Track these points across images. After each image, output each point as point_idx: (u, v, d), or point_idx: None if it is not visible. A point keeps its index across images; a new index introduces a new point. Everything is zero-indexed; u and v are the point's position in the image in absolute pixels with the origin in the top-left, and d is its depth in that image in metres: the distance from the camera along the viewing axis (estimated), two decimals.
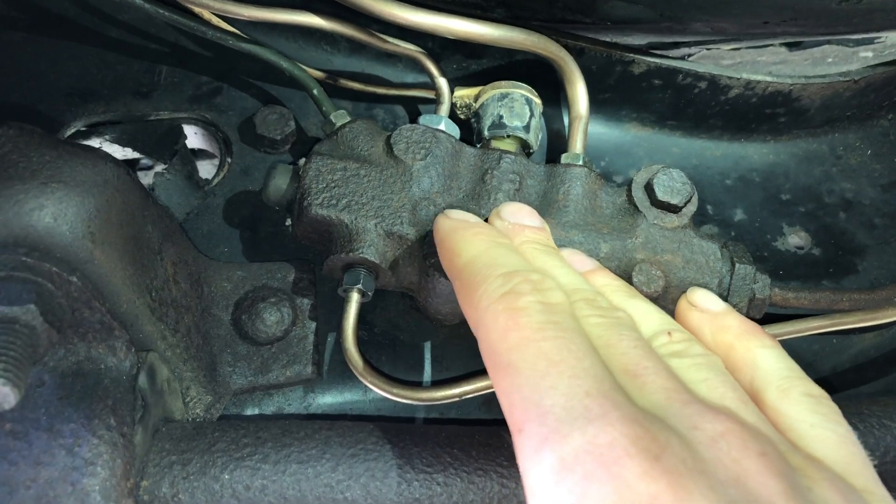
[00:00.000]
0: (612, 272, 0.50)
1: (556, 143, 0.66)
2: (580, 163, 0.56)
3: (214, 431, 0.46)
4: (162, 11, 0.58)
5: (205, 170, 0.69)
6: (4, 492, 0.40)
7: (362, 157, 0.55)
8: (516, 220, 0.48)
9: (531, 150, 0.60)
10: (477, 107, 0.61)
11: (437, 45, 0.63)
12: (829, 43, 0.64)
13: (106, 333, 0.44)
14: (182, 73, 0.66)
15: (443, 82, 0.61)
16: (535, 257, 0.45)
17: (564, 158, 0.58)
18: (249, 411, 0.57)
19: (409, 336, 0.60)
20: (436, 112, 0.60)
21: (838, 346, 0.63)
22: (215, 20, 0.61)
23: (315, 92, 0.60)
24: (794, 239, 0.67)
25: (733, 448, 0.33)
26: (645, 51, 0.63)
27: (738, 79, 0.63)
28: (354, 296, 0.52)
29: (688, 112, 0.66)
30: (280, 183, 0.55)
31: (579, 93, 0.60)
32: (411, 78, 0.67)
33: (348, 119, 0.57)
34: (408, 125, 0.55)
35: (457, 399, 0.54)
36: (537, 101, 0.61)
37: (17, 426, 0.41)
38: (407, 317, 0.60)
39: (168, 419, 0.48)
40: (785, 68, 0.66)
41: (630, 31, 0.62)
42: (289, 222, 0.55)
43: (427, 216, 0.52)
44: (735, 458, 0.33)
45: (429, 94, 0.65)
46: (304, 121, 0.65)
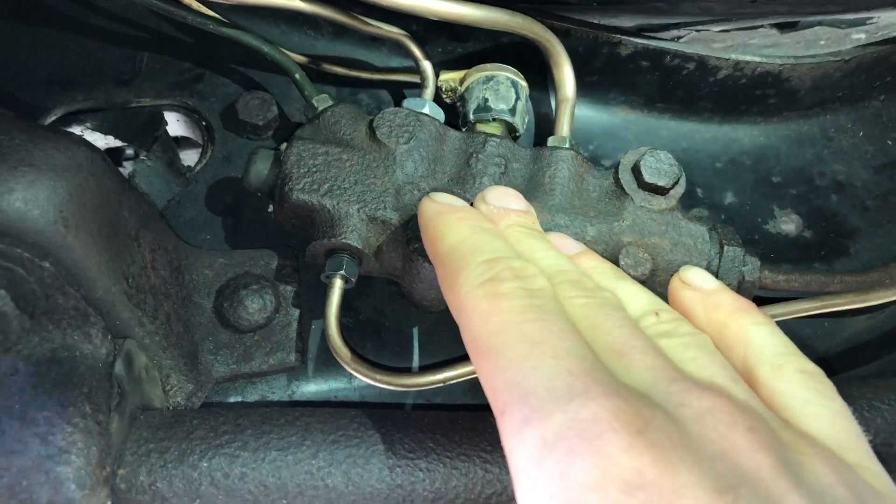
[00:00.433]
0: (599, 255, 0.49)
1: (544, 127, 0.66)
2: (567, 146, 0.55)
3: (193, 419, 0.46)
4: None
5: (188, 157, 0.68)
6: None
7: (345, 142, 0.54)
8: (502, 203, 0.47)
9: (517, 134, 0.60)
10: (462, 90, 0.61)
11: (422, 28, 0.62)
12: (821, 24, 0.63)
13: (81, 320, 0.43)
14: (163, 60, 0.65)
15: (427, 66, 0.60)
16: (520, 241, 0.44)
17: (551, 141, 0.57)
18: (232, 399, 0.56)
19: (394, 322, 0.59)
20: (420, 96, 0.60)
21: (830, 329, 0.63)
22: (196, 5, 0.60)
23: (297, 76, 0.59)
24: (786, 222, 0.66)
25: (721, 423, 0.32)
26: (632, 32, 0.62)
27: (727, 59, 0.62)
28: (337, 282, 0.51)
29: (676, 94, 0.66)
30: (261, 168, 0.54)
31: (566, 75, 0.59)
32: (396, 62, 0.66)
33: (331, 103, 0.57)
34: (391, 108, 0.54)
35: (441, 385, 0.53)
36: (523, 83, 0.60)
37: None
38: (392, 303, 0.60)
39: (146, 407, 0.48)
40: (777, 51, 0.65)
41: (617, 13, 0.61)
42: (271, 208, 0.54)
43: (411, 201, 0.52)
44: (723, 434, 0.32)
45: (414, 79, 0.64)
46: (288, 106, 0.64)
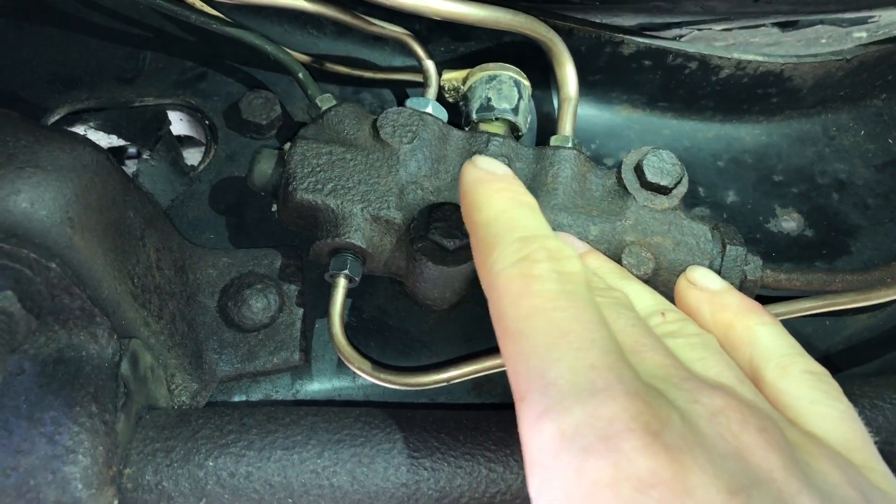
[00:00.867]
0: (603, 255, 0.49)
1: (546, 126, 0.66)
2: (569, 145, 0.56)
3: (199, 418, 0.46)
4: None
5: (191, 156, 0.68)
6: None
7: (348, 141, 0.54)
8: None
9: (520, 133, 0.60)
10: (465, 89, 0.61)
11: (425, 28, 0.62)
12: (822, 23, 0.63)
13: (87, 320, 0.43)
14: (166, 59, 0.65)
15: (430, 65, 0.60)
16: None
17: (553, 141, 0.57)
18: (236, 398, 0.56)
19: (397, 321, 0.60)
20: (423, 95, 0.60)
21: (831, 328, 0.63)
22: (199, 4, 0.60)
23: (300, 76, 0.59)
24: (787, 220, 0.66)
25: (733, 423, 0.33)
26: (634, 31, 0.62)
27: (730, 59, 0.63)
28: (341, 281, 0.51)
29: (679, 93, 0.66)
30: (265, 168, 0.54)
31: (568, 74, 0.59)
32: (399, 61, 0.66)
33: (334, 103, 0.57)
34: (394, 108, 0.54)
35: (445, 384, 0.53)
36: (526, 83, 0.60)
37: None
38: (395, 302, 0.60)
39: (152, 407, 0.48)
40: (778, 50, 0.65)
41: (619, 12, 0.61)
42: (275, 208, 0.55)
43: (414, 200, 0.52)
44: (735, 433, 0.32)
45: (416, 78, 0.64)
46: (291, 105, 0.64)
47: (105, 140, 0.63)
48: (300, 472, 0.44)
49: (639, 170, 0.53)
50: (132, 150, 0.71)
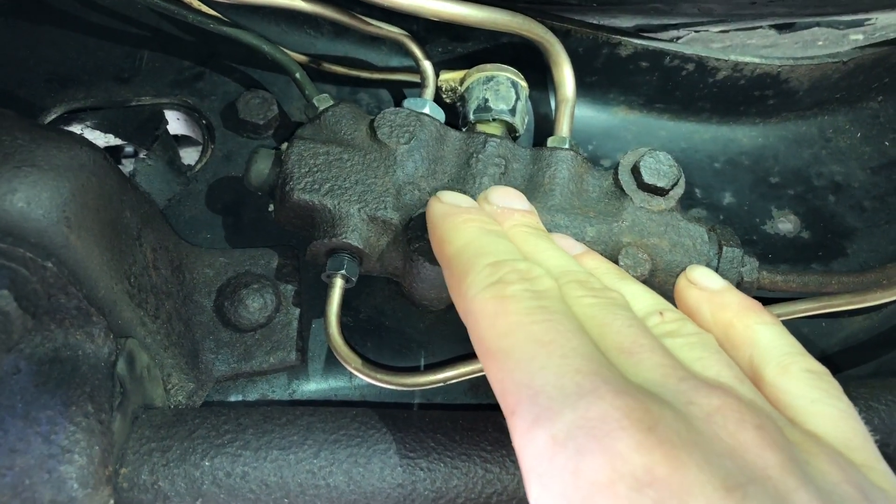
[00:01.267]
0: (600, 255, 0.49)
1: (544, 127, 0.66)
2: (566, 146, 0.56)
3: (195, 418, 0.46)
4: None
5: (188, 156, 0.68)
6: None
7: (345, 141, 0.54)
8: (505, 203, 0.47)
9: (517, 134, 0.60)
10: (462, 90, 0.61)
11: (422, 28, 0.62)
12: (819, 25, 0.63)
13: (83, 320, 0.43)
14: (164, 58, 0.65)
15: (428, 65, 0.60)
16: (525, 241, 0.44)
17: (550, 142, 0.57)
18: (233, 398, 0.56)
19: (394, 322, 0.60)
20: (421, 96, 0.60)
21: (827, 330, 0.63)
22: (196, 3, 0.60)
23: (298, 76, 0.59)
24: (784, 222, 0.66)
25: (730, 421, 0.33)
26: (632, 33, 0.62)
27: (726, 60, 0.63)
28: (338, 281, 0.51)
29: (676, 95, 0.66)
30: (262, 167, 0.54)
31: (566, 76, 0.60)
32: (396, 61, 0.66)
33: (331, 103, 0.57)
34: (391, 108, 0.54)
35: (442, 384, 0.53)
36: (523, 84, 0.60)
37: None
38: (392, 302, 0.60)
39: (148, 406, 0.48)
40: (775, 51, 0.65)
41: (617, 13, 0.61)
42: (271, 207, 0.54)
43: (411, 201, 0.52)
44: (731, 432, 0.32)
45: (414, 78, 0.64)
46: (288, 105, 0.64)
47: (102, 139, 0.63)
48: (296, 472, 0.44)
49: (636, 171, 0.53)
50: (129, 148, 0.71)
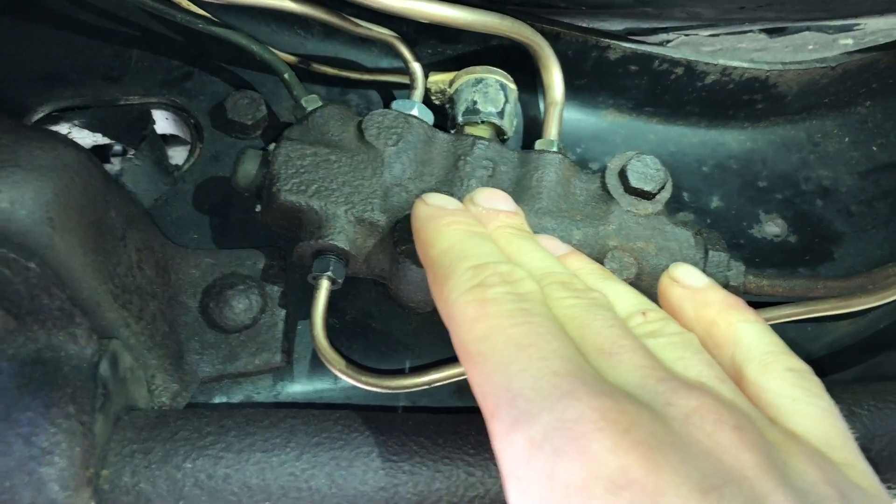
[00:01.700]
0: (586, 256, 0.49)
1: (532, 130, 0.66)
2: (554, 149, 0.56)
3: (177, 420, 0.46)
4: None
5: (175, 155, 0.68)
6: None
7: (333, 143, 0.54)
8: (490, 205, 0.47)
9: (506, 137, 0.60)
10: (451, 92, 0.61)
11: (412, 30, 0.62)
12: (809, 30, 0.63)
13: (66, 321, 0.43)
14: (152, 58, 0.65)
15: (417, 67, 0.60)
16: (509, 242, 0.44)
17: (538, 145, 0.57)
18: (217, 400, 0.56)
19: (380, 324, 0.60)
20: (409, 97, 0.60)
21: (813, 334, 0.63)
22: (185, 3, 0.60)
23: (286, 76, 0.59)
24: (771, 226, 0.66)
25: (707, 422, 0.33)
26: (621, 36, 0.62)
27: (715, 65, 0.63)
28: (324, 283, 0.51)
29: (665, 98, 0.66)
30: (249, 168, 0.54)
31: (555, 78, 0.60)
32: (386, 63, 0.66)
33: (320, 104, 0.57)
34: (380, 110, 0.54)
35: (427, 387, 0.53)
36: (512, 86, 0.60)
37: None
38: (379, 304, 0.60)
39: (131, 408, 0.47)
40: (765, 55, 0.65)
41: (606, 17, 0.61)
42: (259, 208, 0.54)
43: (399, 202, 0.52)
44: (709, 433, 0.32)
45: (403, 79, 0.64)
46: (277, 106, 0.64)
47: (90, 138, 0.63)
48: (278, 474, 0.44)
49: (623, 175, 0.53)
50: (117, 147, 0.71)
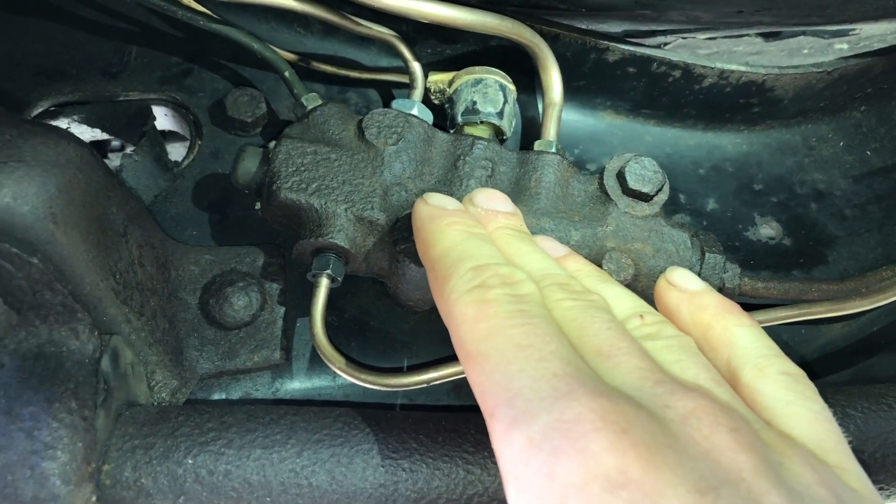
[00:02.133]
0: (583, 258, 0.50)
1: (531, 130, 0.66)
2: (553, 150, 0.56)
3: (178, 416, 0.46)
4: None
5: (175, 152, 0.68)
6: None
7: (333, 141, 0.54)
8: (489, 206, 0.48)
9: (504, 137, 0.60)
10: (451, 92, 0.61)
11: (412, 29, 0.62)
12: (805, 34, 0.64)
13: (68, 316, 0.43)
14: (152, 54, 0.65)
15: (416, 67, 0.60)
16: (508, 244, 0.45)
17: (537, 146, 0.57)
18: (216, 396, 0.56)
19: (379, 322, 0.60)
20: (409, 97, 0.60)
21: (807, 336, 0.64)
22: (186, 0, 0.60)
23: (287, 74, 0.59)
24: (766, 229, 0.67)
25: (704, 424, 0.33)
26: (620, 38, 0.63)
27: (713, 68, 0.63)
28: (324, 281, 0.51)
29: (662, 101, 0.66)
30: (249, 166, 0.54)
31: (554, 80, 0.60)
32: (385, 62, 0.66)
33: (320, 102, 0.57)
34: (380, 109, 0.54)
35: (425, 385, 0.53)
36: (511, 87, 0.61)
37: None
38: (377, 302, 0.60)
39: (132, 403, 0.48)
40: (761, 59, 0.66)
41: (605, 19, 0.62)
42: (258, 206, 0.55)
43: (398, 201, 0.52)
44: (706, 434, 0.33)
45: (402, 79, 0.64)
46: (276, 103, 0.64)
47: (88, 133, 0.63)
48: (279, 471, 0.44)
49: (621, 176, 0.54)
50: (115, 143, 0.71)
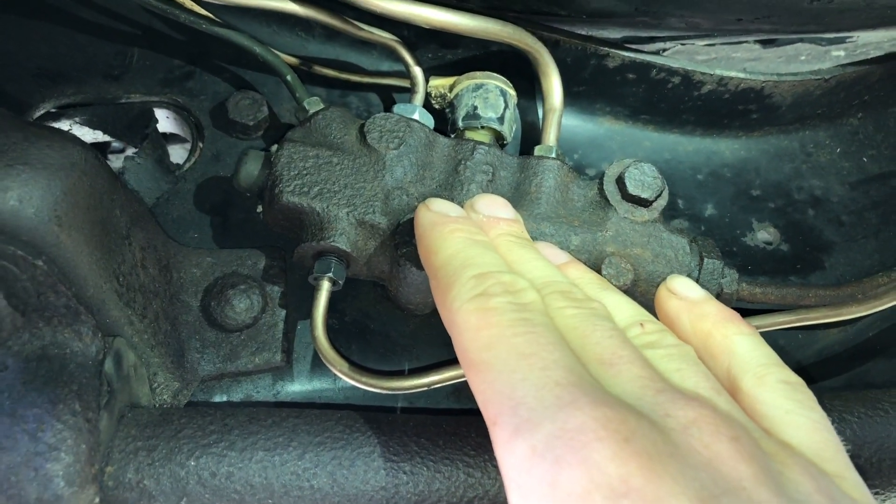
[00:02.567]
0: (584, 265, 0.50)
1: (531, 135, 0.66)
2: (553, 155, 0.56)
3: (181, 418, 0.46)
4: None
5: (176, 154, 0.68)
6: None
7: (335, 145, 0.54)
8: (491, 212, 0.48)
9: (505, 142, 0.61)
10: (452, 97, 0.61)
11: (413, 34, 0.62)
12: (802, 41, 0.64)
13: (72, 318, 0.43)
14: (154, 57, 0.65)
15: (418, 71, 0.61)
16: (510, 251, 0.45)
17: (537, 151, 0.58)
18: (217, 398, 0.56)
19: (379, 325, 0.60)
20: (410, 101, 0.60)
21: (803, 341, 0.64)
22: (189, 3, 0.60)
23: (288, 78, 0.60)
24: (763, 234, 0.67)
25: (705, 433, 0.33)
26: (619, 44, 0.63)
27: (712, 75, 0.64)
28: (325, 284, 0.52)
29: (661, 107, 0.67)
30: (251, 169, 0.54)
31: (554, 85, 0.60)
32: (386, 66, 0.67)
33: (322, 106, 0.57)
34: (382, 114, 0.55)
35: (426, 388, 0.54)
36: (512, 92, 0.61)
37: None
38: (378, 306, 0.60)
39: (134, 405, 0.48)
40: (759, 65, 0.66)
41: (605, 25, 0.62)
42: (260, 209, 0.55)
43: (399, 205, 0.52)
44: (706, 444, 0.33)
45: (403, 83, 0.65)
46: (278, 107, 0.65)
47: (90, 136, 0.63)
48: (281, 473, 0.44)
49: (620, 182, 0.54)
50: (116, 144, 0.71)
